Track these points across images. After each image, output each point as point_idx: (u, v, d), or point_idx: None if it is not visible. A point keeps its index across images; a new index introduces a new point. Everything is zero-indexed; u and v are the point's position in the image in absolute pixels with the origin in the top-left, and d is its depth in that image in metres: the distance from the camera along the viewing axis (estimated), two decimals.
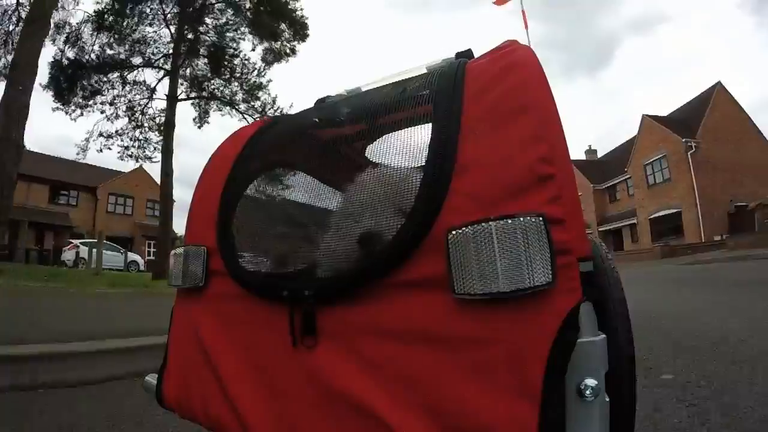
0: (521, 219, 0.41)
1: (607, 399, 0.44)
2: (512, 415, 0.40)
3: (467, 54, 0.69)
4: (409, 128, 0.57)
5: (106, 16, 10.17)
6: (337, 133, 0.66)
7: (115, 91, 11.09)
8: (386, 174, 0.56)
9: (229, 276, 0.65)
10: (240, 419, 0.57)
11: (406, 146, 0.55)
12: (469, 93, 0.53)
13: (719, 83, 18.65)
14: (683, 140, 16.98)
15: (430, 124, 0.53)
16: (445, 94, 0.55)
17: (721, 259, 10.01)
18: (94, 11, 10.13)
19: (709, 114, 17.62)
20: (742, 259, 8.97)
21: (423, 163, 0.51)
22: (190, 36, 11.08)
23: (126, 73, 11.04)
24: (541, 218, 0.41)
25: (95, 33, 10.36)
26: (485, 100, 0.51)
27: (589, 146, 31.47)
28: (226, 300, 0.66)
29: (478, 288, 0.41)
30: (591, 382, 0.42)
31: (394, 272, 0.48)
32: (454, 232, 0.44)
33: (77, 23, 10.35)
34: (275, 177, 0.75)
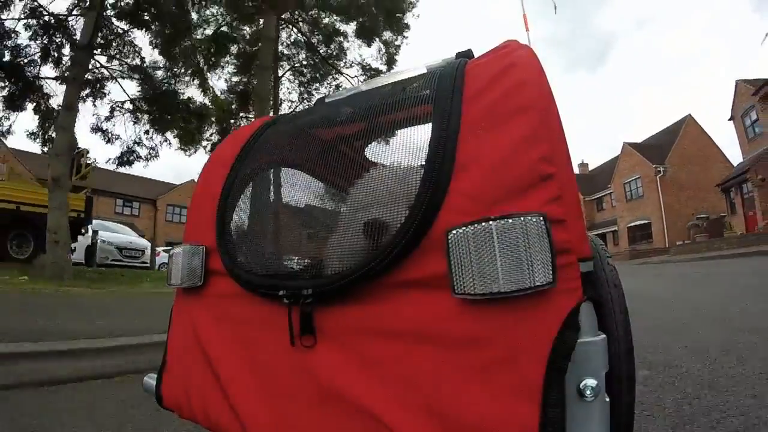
0: (522, 219, 0.41)
1: (607, 399, 0.44)
2: (512, 415, 0.40)
3: (467, 54, 0.69)
4: (409, 128, 0.57)
5: None
6: (336, 133, 0.66)
7: None
8: (386, 174, 0.56)
9: (228, 275, 0.65)
10: (239, 419, 0.57)
11: (406, 146, 0.55)
12: (469, 93, 0.53)
13: (689, 115, 23.48)
14: (654, 166, 22.21)
15: (430, 124, 0.53)
16: (445, 94, 0.54)
17: (656, 262, 13.48)
18: None
19: (678, 142, 22.56)
20: (680, 262, 11.50)
21: (423, 163, 0.51)
22: None
23: None
24: (541, 218, 0.41)
25: None
26: (485, 99, 0.51)
27: (582, 160, 36.08)
28: (225, 299, 0.66)
29: (478, 288, 0.41)
30: (591, 382, 0.42)
31: (393, 272, 0.48)
32: (454, 232, 0.44)
33: None
34: (274, 177, 0.75)
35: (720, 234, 15.61)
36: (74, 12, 6.91)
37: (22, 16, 6.67)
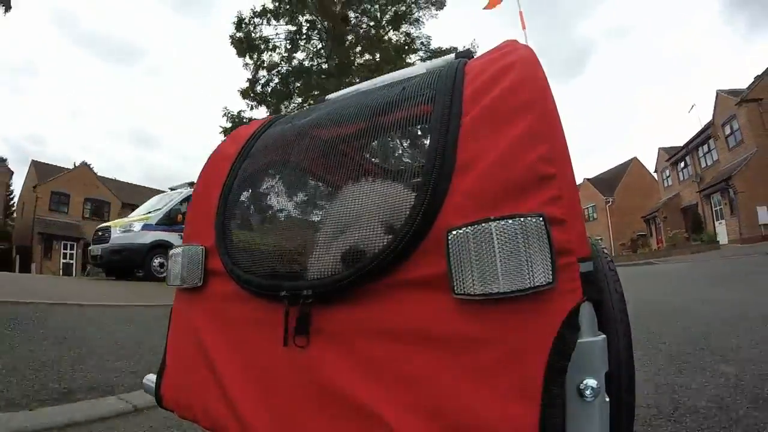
0: (521, 219, 0.41)
1: (607, 399, 0.44)
2: (512, 415, 0.40)
3: (467, 54, 0.69)
4: (409, 128, 0.57)
5: None
6: (336, 133, 0.65)
7: None
8: (386, 174, 0.55)
9: (227, 275, 0.65)
10: (239, 419, 0.57)
11: (406, 146, 0.55)
12: (468, 93, 0.53)
13: (635, 158, 31.10)
14: (604, 198, 29.77)
15: (430, 124, 0.53)
16: (444, 94, 0.54)
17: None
18: None
19: (624, 179, 29.81)
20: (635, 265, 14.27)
21: (423, 163, 0.50)
22: None
23: None
24: (541, 218, 0.41)
25: None
26: (485, 99, 0.51)
27: None
28: (225, 299, 0.66)
29: (478, 288, 0.41)
30: (591, 382, 0.42)
31: (393, 272, 0.48)
32: (454, 232, 0.43)
33: None
34: (274, 177, 0.74)
35: (640, 248, 22.68)
36: None
37: None
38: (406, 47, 12.25)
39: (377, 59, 12.21)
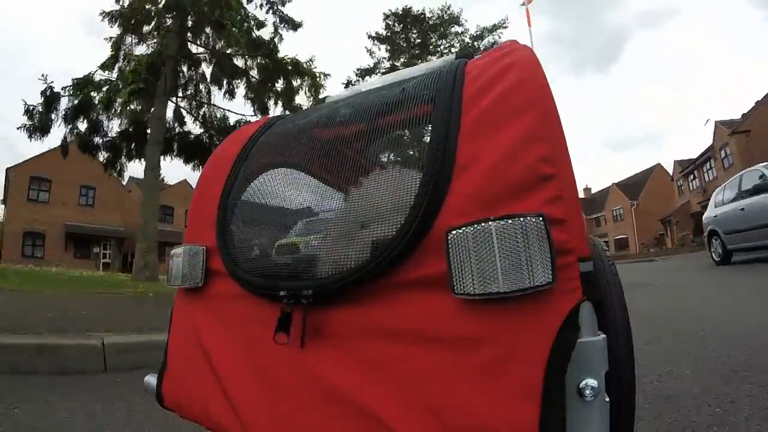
0: (521, 219, 0.41)
1: (607, 399, 0.44)
2: (512, 416, 0.40)
3: (467, 54, 0.69)
4: (409, 128, 0.57)
5: None
6: (337, 133, 0.65)
7: None
8: (386, 174, 0.55)
9: (228, 276, 0.65)
10: (240, 419, 0.57)
11: (406, 146, 0.55)
12: (468, 93, 0.53)
13: (659, 164, 36.46)
14: (630, 201, 34.69)
15: (430, 125, 0.53)
16: (444, 94, 0.54)
17: (627, 262, 19.13)
18: None
19: (648, 184, 34.94)
20: (642, 262, 16.24)
21: (423, 163, 0.51)
22: None
23: None
24: (541, 218, 0.41)
25: None
26: (485, 99, 0.51)
27: (586, 185, 47.50)
28: (226, 300, 0.66)
29: (477, 288, 0.41)
30: (591, 382, 0.42)
31: (393, 272, 0.48)
32: (454, 232, 0.43)
33: None
34: (275, 177, 0.74)
35: (659, 246, 27.59)
36: None
37: None
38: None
39: None
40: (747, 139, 19.44)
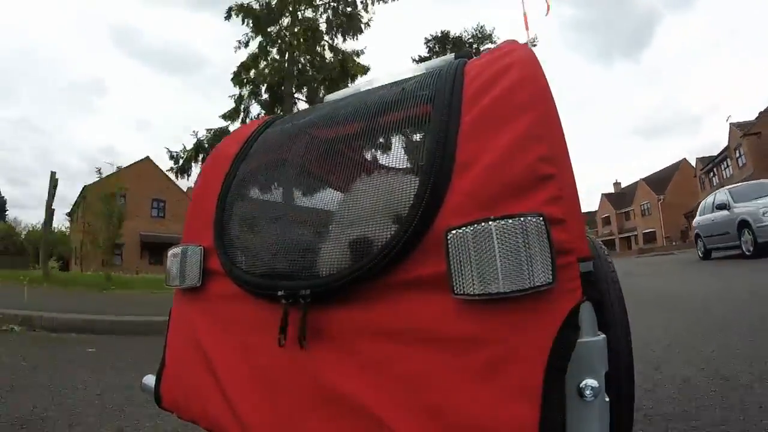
0: (521, 219, 0.41)
1: (607, 399, 0.44)
2: (512, 416, 0.40)
3: (466, 54, 0.69)
4: (409, 128, 0.57)
5: None
6: (336, 133, 0.65)
7: None
8: (385, 174, 0.55)
9: (226, 276, 0.65)
10: (238, 419, 0.56)
11: (406, 146, 0.55)
12: (468, 93, 0.53)
13: (684, 159, 37.32)
14: (657, 196, 36.16)
15: (430, 124, 0.53)
16: (444, 94, 0.54)
17: (651, 255, 20.25)
18: None
19: (674, 178, 36.03)
20: (660, 255, 17.89)
21: (422, 163, 0.50)
22: None
23: None
24: (541, 218, 0.41)
25: None
26: (485, 99, 0.51)
27: (616, 179, 49.25)
28: (224, 300, 0.66)
29: (477, 288, 0.41)
30: (591, 382, 0.42)
31: (392, 272, 0.48)
32: (453, 232, 0.43)
33: None
34: (274, 176, 0.74)
35: (683, 240, 28.84)
36: None
37: None
38: None
39: None
40: (759, 140, 20.69)
